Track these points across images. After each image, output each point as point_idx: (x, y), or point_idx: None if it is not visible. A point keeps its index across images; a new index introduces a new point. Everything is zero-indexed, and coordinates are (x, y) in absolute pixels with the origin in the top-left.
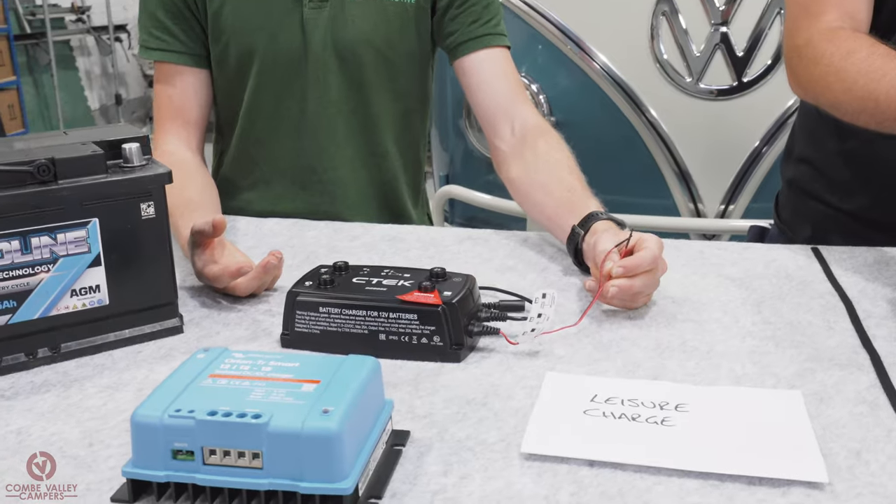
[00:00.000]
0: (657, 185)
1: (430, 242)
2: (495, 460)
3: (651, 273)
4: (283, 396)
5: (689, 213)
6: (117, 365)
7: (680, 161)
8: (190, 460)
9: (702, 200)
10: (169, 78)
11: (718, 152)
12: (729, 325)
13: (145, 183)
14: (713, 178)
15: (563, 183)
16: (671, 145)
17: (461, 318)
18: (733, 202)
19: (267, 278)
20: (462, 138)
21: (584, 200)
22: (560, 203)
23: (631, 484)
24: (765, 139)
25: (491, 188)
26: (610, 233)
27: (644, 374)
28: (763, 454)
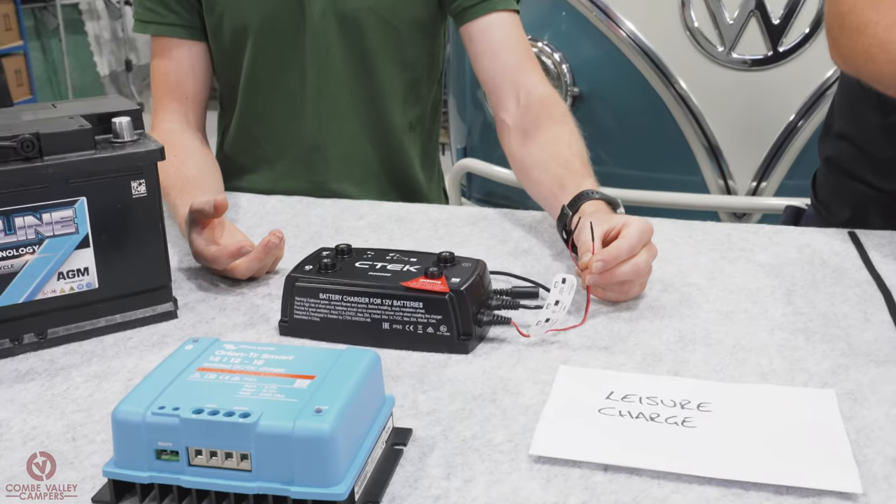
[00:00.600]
0: (685, 160)
1: (440, 223)
2: (502, 463)
3: (632, 261)
4: (275, 393)
5: (719, 190)
6: (107, 352)
7: (710, 135)
8: (174, 461)
9: (732, 177)
10: (165, 52)
11: (751, 126)
12: (757, 315)
13: (136, 160)
14: (745, 154)
15: (559, 159)
16: (701, 119)
17: (470, 306)
18: (766, 179)
19: (268, 259)
20: (480, 109)
21: (577, 179)
22: (554, 181)
23: (647, 492)
24: (801, 112)
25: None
26: (598, 216)
27: (664, 369)
28: (791, 461)
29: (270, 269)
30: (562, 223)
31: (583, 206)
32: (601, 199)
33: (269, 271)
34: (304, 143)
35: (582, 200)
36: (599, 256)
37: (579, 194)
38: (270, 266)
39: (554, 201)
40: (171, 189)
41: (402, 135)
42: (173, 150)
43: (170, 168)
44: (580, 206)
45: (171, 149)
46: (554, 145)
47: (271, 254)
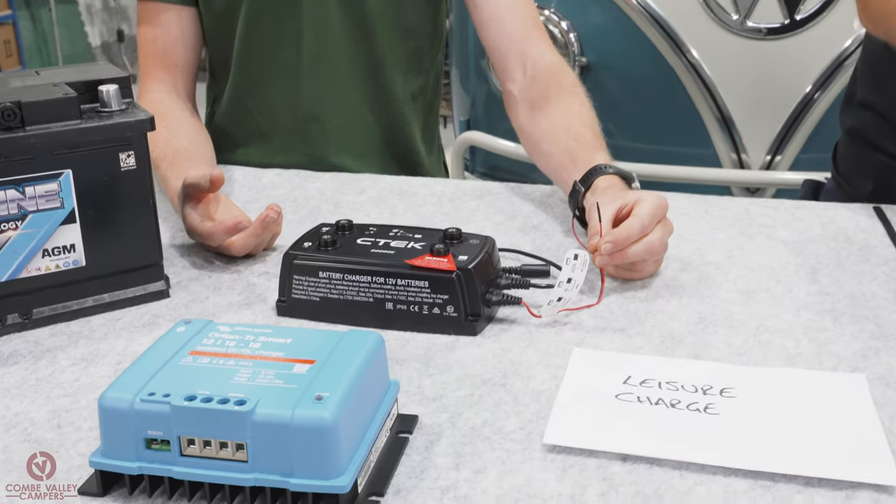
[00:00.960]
0: (697, 133)
1: (445, 197)
2: (514, 452)
3: (645, 240)
4: (272, 379)
5: (732, 164)
6: (95, 333)
7: (723, 107)
8: (165, 451)
9: (746, 150)
10: (152, 18)
11: (766, 97)
12: (781, 295)
13: (124, 130)
14: (759, 126)
15: (570, 131)
16: (714, 90)
17: (478, 285)
18: (780, 153)
19: (265, 235)
20: (484, 80)
21: (589, 152)
22: (565, 154)
23: (669, 484)
24: (818, 83)
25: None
26: (610, 192)
27: (684, 352)
28: (822, 450)
29: (267, 246)
30: (574, 199)
31: (595, 181)
32: (615, 173)
33: (266, 248)
34: (301, 113)
35: (594, 175)
36: (609, 237)
37: (592, 169)
38: (268, 242)
39: (565, 176)
40: (162, 161)
41: (403, 106)
42: (163, 120)
43: (159, 139)
44: (593, 181)
45: (161, 119)
46: (564, 117)
47: (269, 230)
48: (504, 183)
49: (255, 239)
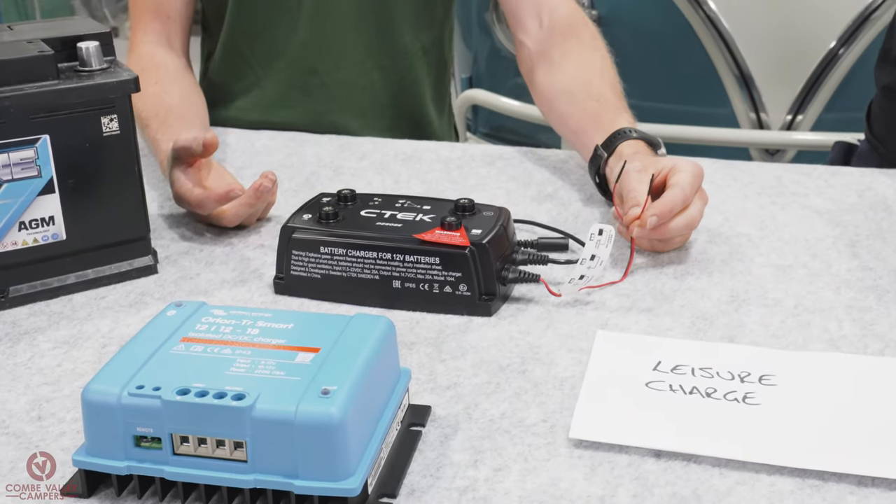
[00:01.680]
0: (714, 90)
1: (453, 163)
2: (537, 447)
3: (686, 213)
4: (273, 370)
5: (751, 124)
6: (77, 313)
7: (742, 63)
8: (156, 449)
9: (765, 109)
10: None
11: (787, 53)
12: (819, 271)
13: (107, 91)
14: (779, 84)
15: (590, 90)
16: (732, 44)
17: (493, 261)
18: (802, 112)
19: (259, 205)
20: (488, 34)
21: (612, 114)
22: (585, 115)
23: (708, 483)
24: (843, 38)
25: (520, 93)
26: (639, 159)
27: (717, 335)
28: (875, 446)
29: (262, 216)
30: (595, 165)
31: (619, 146)
32: (640, 138)
33: (260, 218)
34: (301, 66)
35: (618, 140)
36: (653, 210)
37: (615, 133)
38: (262, 212)
39: (585, 139)
40: (152, 120)
41: (413, 61)
42: (154, 74)
43: (150, 96)
44: (616, 146)
45: (152, 73)
46: (584, 73)
47: (263, 199)
48: (516, 147)
49: (248, 208)
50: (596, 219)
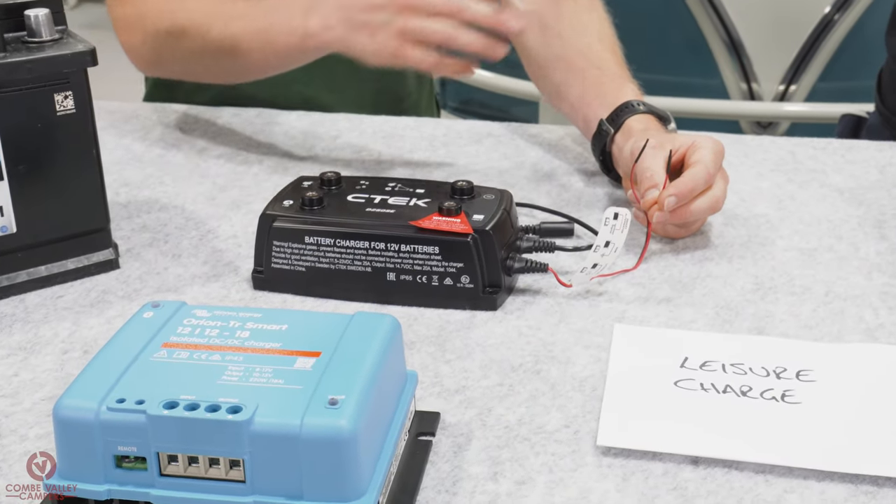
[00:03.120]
0: (703, 60)
1: (438, 141)
2: (562, 457)
3: (710, 194)
4: (271, 378)
5: (742, 94)
6: (31, 315)
7: (731, 29)
8: (141, 470)
9: (757, 79)
10: None
11: (779, 19)
12: (847, 254)
13: (60, 64)
14: (772, 52)
15: (590, 56)
16: (721, 10)
17: (498, 250)
18: (795, 82)
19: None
20: None
21: (616, 83)
22: (587, 86)
23: (753, 492)
24: (837, 3)
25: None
26: (649, 134)
27: (744, 326)
28: None
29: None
30: (599, 143)
31: (627, 121)
32: (648, 111)
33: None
34: None
35: (625, 114)
36: (673, 190)
37: (621, 106)
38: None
39: (586, 111)
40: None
41: None
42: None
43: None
44: (623, 121)
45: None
46: (581, 37)
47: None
48: (505, 123)
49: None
50: (601, 200)
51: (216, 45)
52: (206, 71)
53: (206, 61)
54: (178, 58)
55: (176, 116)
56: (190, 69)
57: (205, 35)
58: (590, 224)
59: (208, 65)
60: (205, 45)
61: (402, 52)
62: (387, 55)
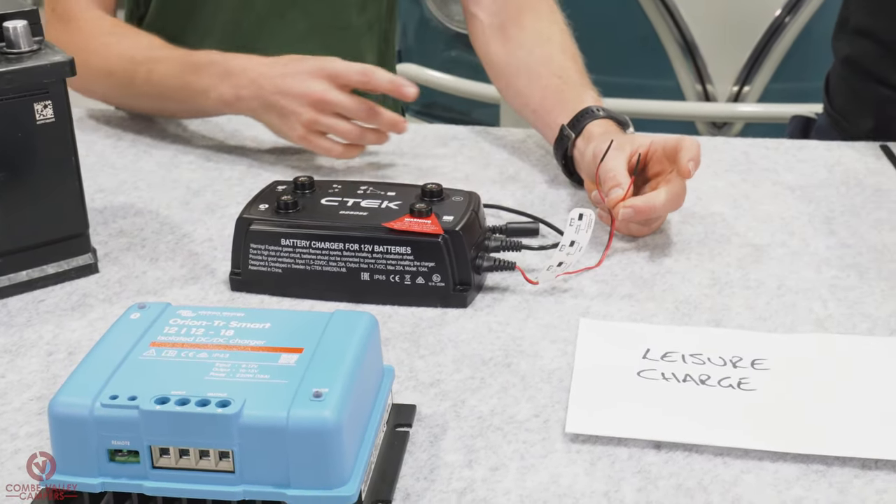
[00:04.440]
0: (658, 61)
1: (405, 144)
2: (533, 444)
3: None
4: (256, 373)
5: (696, 96)
6: (14, 319)
7: (686, 31)
8: (133, 463)
9: (711, 81)
10: None
11: (732, 21)
12: (798, 250)
13: (39, 75)
14: (725, 54)
15: (552, 66)
16: (675, 12)
17: (467, 249)
18: (749, 83)
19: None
20: (416, 3)
21: (577, 91)
22: (547, 93)
23: (712, 473)
24: (788, 6)
25: (452, 67)
26: (608, 138)
27: (703, 319)
28: (876, 427)
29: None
30: (561, 147)
31: (587, 126)
32: (607, 116)
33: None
34: (237, 44)
35: (585, 119)
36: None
37: (581, 112)
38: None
39: (547, 118)
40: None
41: (359, 38)
42: (119, 26)
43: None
44: (583, 126)
45: (116, 27)
46: (543, 48)
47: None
48: (470, 126)
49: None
50: (564, 201)
51: (140, 91)
52: (130, 106)
53: (131, 101)
54: (105, 93)
55: (147, 123)
56: (117, 102)
57: (130, 79)
58: (554, 224)
59: (132, 104)
60: (130, 89)
61: (309, 139)
62: (294, 138)
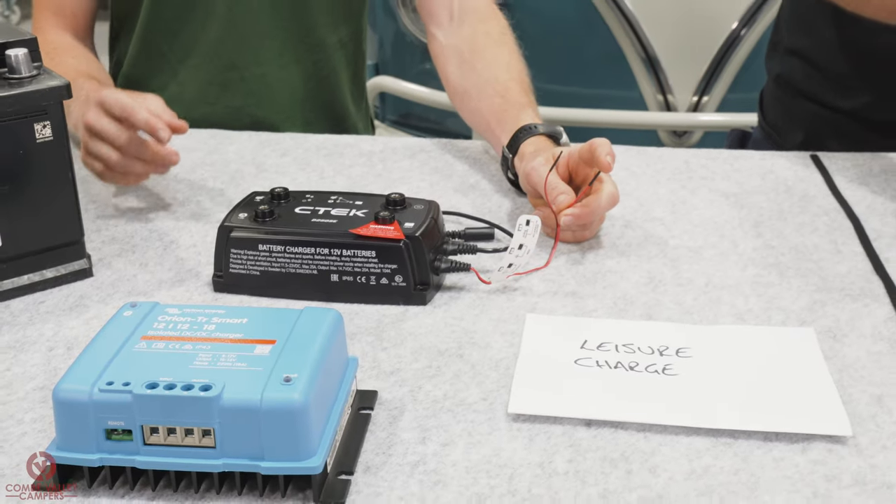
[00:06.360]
0: (621, 73)
1: (376, 156)
2: (479, 423)
3: (603, 193)
4: (235, 362)
5: (658, 105)
6: (18, 319)
7: (647, 45)
8: (127, 440)
9: (672, 91)
10: None
11: (691, 35)
12: (727, 251)
13: (39, 98)
14: (685, 66)
15: (496, 86)
16: (637, 26)
17: (426, 253)
18: (707, 93)
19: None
20: (392, 18)
21: (515, 110)
22: (491, 112)
23: (634, 446)
24: (744, 19)
25: (427, 79)
26: (541, 156)
27: (637, 313)
28: (777, 405)
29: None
30: (504, 166)
31: (521, 146)
32: (542, 133)
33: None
34: (218, 61)
35: (521, 138)
36: (574, 211)
37: (518, 130)
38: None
39: (493, 138)
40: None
41: (332, 54)
42: (71, 50)
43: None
44: (519, 145)
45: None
46: (491, 69)
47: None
48: (435, 139)
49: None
50: (517, 207)
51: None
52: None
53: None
54: None
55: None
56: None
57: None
58: (508, 229)
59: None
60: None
61: (84, 160)
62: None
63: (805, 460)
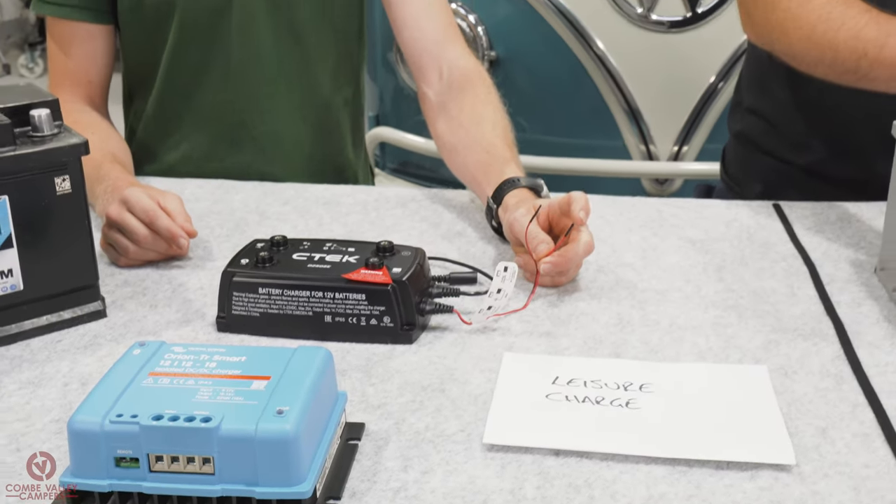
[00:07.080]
0: (606, 125)
1: (370, 206)
2: (457, 453)
3: (580, 242)
4: (233, 396)
5: (641, 155)
6: (36, 356)
7: (630, 99)
8: (135, 468)
9: (654, 141)
10: (65, 37)
11: (671, 89)
12: (691, 294)
13: (59, 155)
14: (666, 117)
15: (482, 142)
16: (621, 82)
17: (412, 295)
18: (687, 143)
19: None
20: (392, 73)
21: (499, 165)
22: (478, 166)
23: (597, 474)
24: (721, 74)
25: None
26: (523, 207)
27: (606, 351)
28: (730, 437)
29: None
30: (489, 216)
31: (505, 198)
32: (525, 185)
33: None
34: (230, 121)
35: (505, 191)
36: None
37: (502, 183)
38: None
39: (478, 190)
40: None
41: (337, 111)
42: (89, 128)
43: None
44: (503, 197)
45: (88, 126)
46: (477, 126)
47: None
48: (425, 189)
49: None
50: (501, 254)
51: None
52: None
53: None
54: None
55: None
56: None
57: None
58: (490, 273)
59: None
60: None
61: (103, 246)
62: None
63: (753, 487)
